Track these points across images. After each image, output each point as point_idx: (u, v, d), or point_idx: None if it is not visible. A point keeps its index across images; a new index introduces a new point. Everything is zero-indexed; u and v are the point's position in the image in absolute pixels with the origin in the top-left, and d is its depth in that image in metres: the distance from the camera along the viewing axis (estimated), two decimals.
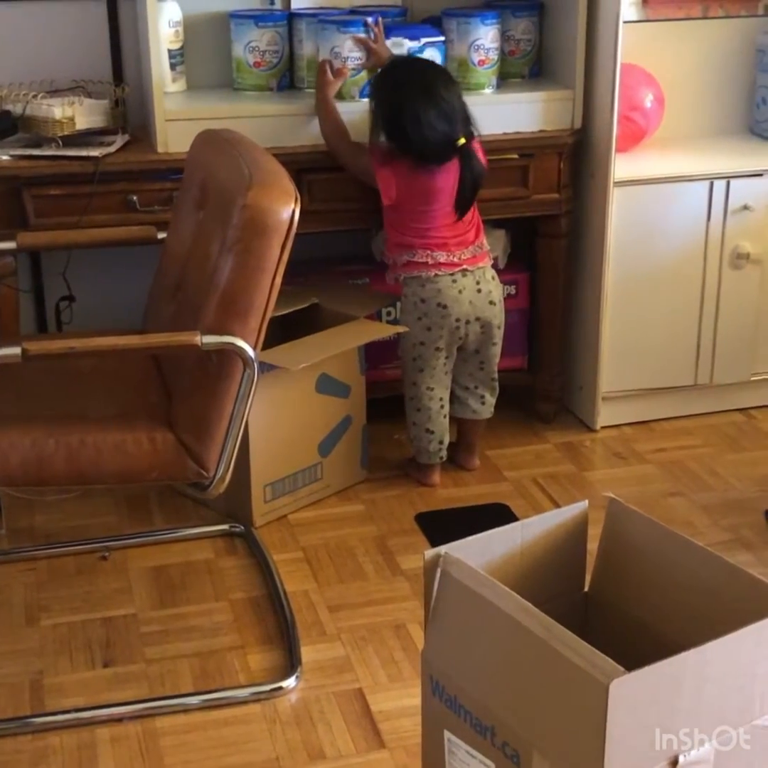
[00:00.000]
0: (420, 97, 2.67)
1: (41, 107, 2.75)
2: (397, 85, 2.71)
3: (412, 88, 2.68)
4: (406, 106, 2.67)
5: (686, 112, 3.34)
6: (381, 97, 2.74)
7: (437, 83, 2.71)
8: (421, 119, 2.66)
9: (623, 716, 1.37)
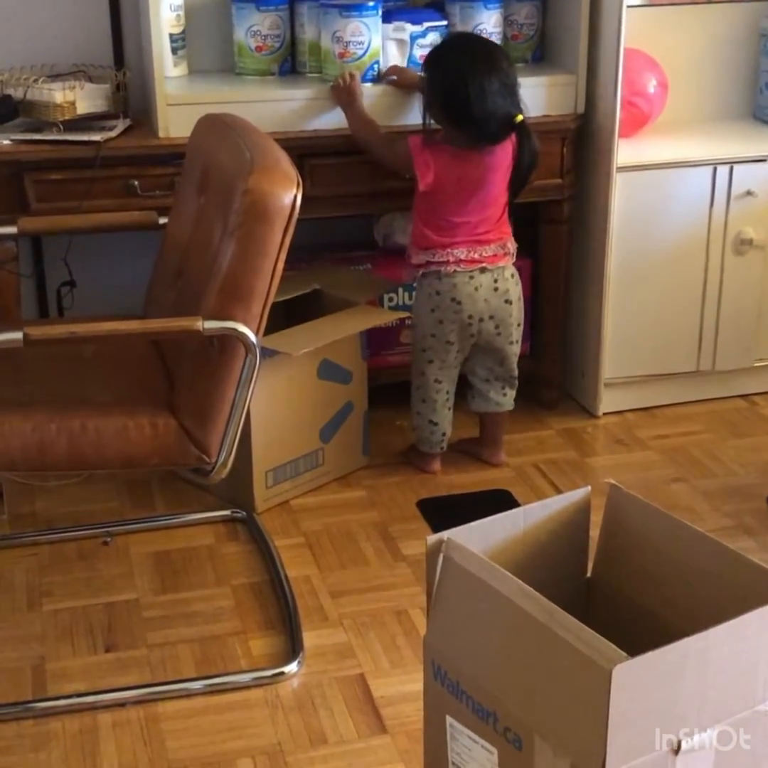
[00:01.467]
0: (485, 69, 2.59)
1: (42, 92, 2.75)
2: (460, 57, 2.62)
3: (476, 60, 2.60)
4: (469, 77, 2.58)
5: (690, 97, 3.33)
6: (440, 71, 2.65)
7: (500, 56, 2.66)
8: (485, 91, 2.58)
9: (626, 702, 1.37)
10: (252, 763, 2.02)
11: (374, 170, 2.86)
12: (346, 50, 2.83)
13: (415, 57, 2.93)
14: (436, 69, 2.67)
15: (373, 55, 2.85)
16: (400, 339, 3.13)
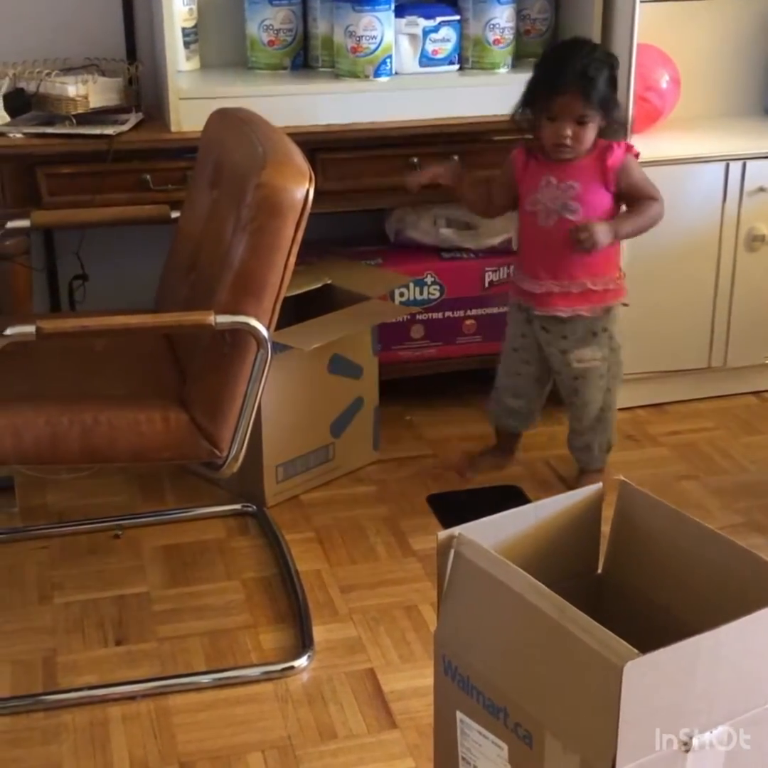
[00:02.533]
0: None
1: (55, 85, 2.75)
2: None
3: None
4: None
5: (702, 93, 3.32)
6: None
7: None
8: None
9: (637, 698, 1.36)
10: (262, 757, 2.02)
11: (386, 165, 2.86)
12: (358, 45, 2.83)
13: (427, 52, 2.93)
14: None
15: (385, 50, 2.84)
16: (411, 334, 3.13)
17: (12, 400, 2.13)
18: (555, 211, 2.59)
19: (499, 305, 3.15)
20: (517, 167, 2.65)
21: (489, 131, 2.91)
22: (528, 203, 2.64)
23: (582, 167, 2.58)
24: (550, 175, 2.59)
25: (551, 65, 2.56)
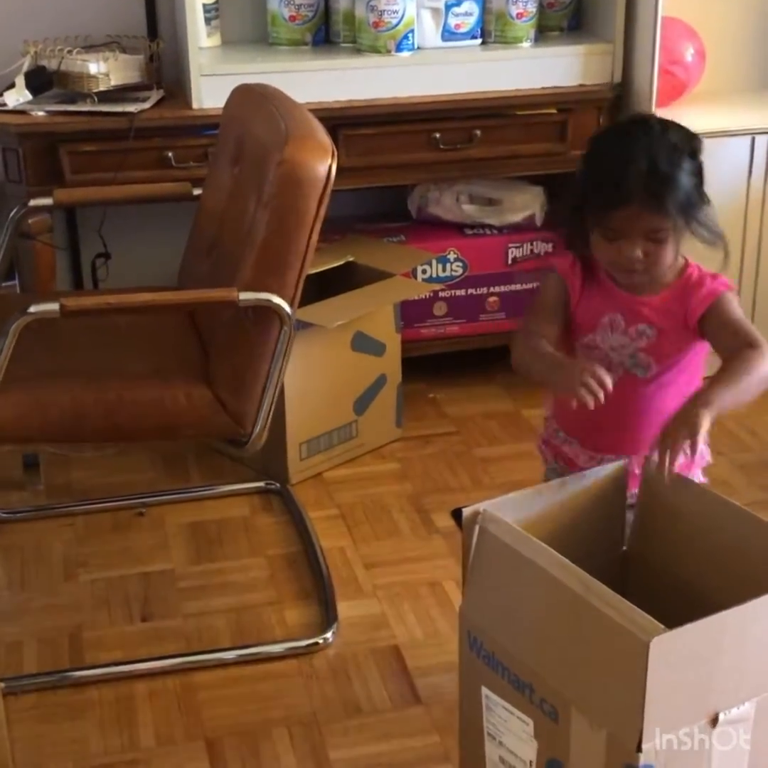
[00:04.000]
0: None
1: (76, 63, 2.74)
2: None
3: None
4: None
5: (728, 66, 3.28)
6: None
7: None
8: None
9: (663, 674, 1.36)
10: (287, 732, 2.03)
11: (409, 141, 2.85)
12: (380, 19, 2.81)
13: (449, 26, 2.91)
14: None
15: (407, 24, 2.82)
16: (433, 311, 3.11)
17: (36, 377, 2.13)
18: (620, 363, 1.86)
19: (522, 282, 3.14)
20: (571, 290, 1.88)
21: (512, 106, 2.89)
22: (582, 344, 1.90)
23: (660, 304, 1.85)
24: (616, 312, 1.86)
25: (604, 163, 1.81)
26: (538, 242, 3.12)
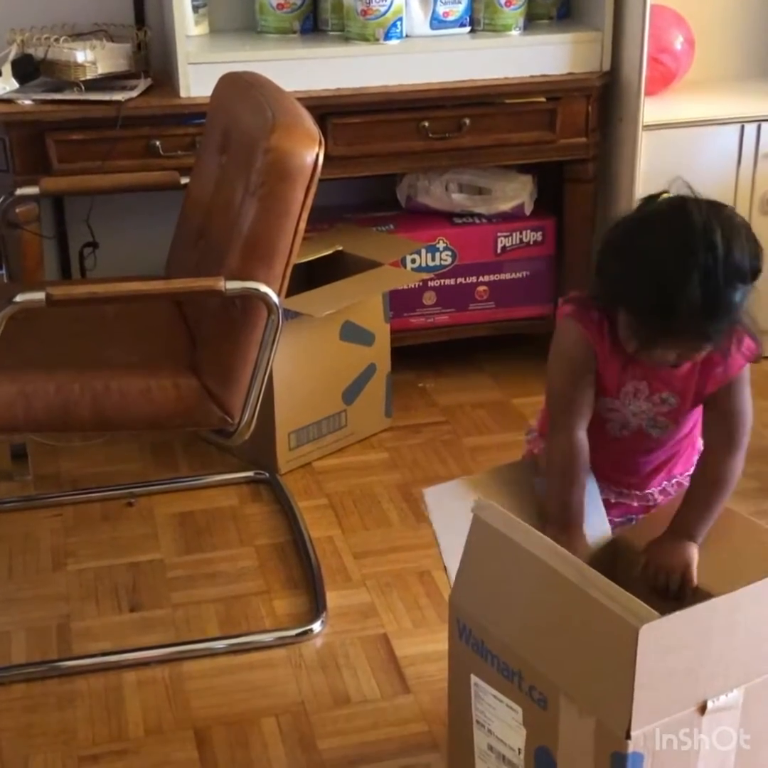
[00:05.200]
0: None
1: (63, 51, 2.73)
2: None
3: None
4: None
5: (717, 54, 3.28)
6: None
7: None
8: None
9: (653, 661, 1.36)
10: (275, 722, 2.02)
11: (397, 129, 2.84)
12: (368, 7, 2.79)
13: (438, 14, 2.90)
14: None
15: (396, 12, 2.81)
16: (423, 301, 3.11)
17: (23, 367, 2.12)
18: (638, 425, 1.83)
19: (512, 271, 3.13)
20: (600, 355, 1.76)
21: (501, 94, 2.88)
22: (601, 405, 1.82)
23: (684, 372, 1.77)
24: (641, 380, 1.78)
25: (654, 279, 1.60)
26: (527, 231, 3.12)
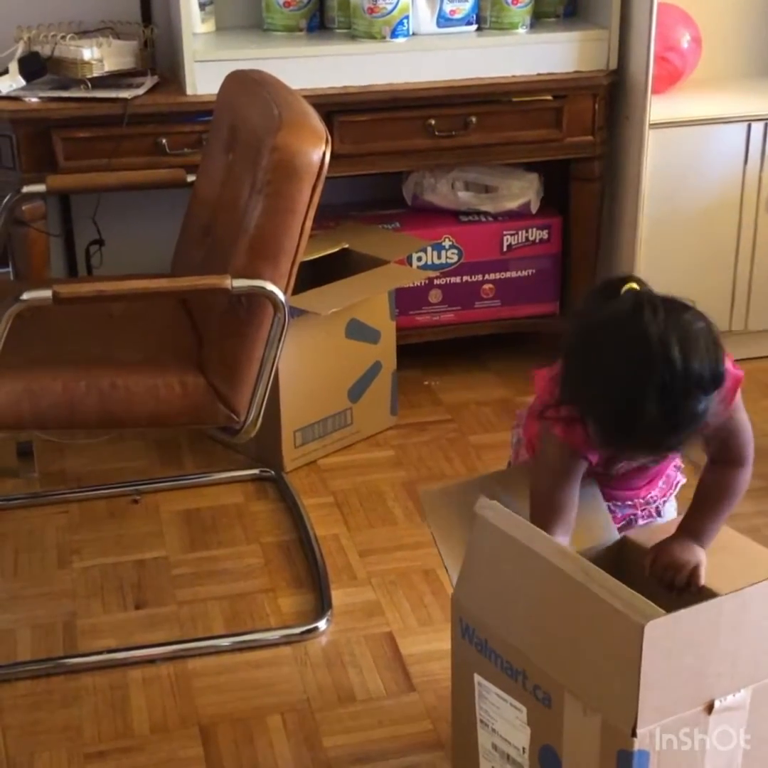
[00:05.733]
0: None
1: (70, 48, 2.73)
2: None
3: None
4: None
5: (724, 53, 3.27)
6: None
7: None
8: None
9: (659, 659, 1.36)
10: (281, 719, 2.03)
11: (404, 127, 2.84)
12: (375, 5, 2.79)
13: (444, 12, 2.89)
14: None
15: (403, 10, 2.81)
16: (428, 299, 3.11)
17: (29, 364, 2.12)
18: (636, 465, 1.83)
19: (518, 269, 3.13)
20: (580, 448, 1.71)
21: (507, 92, 2.88)
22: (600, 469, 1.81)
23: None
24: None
25: (612, 389, 1.54)
26: (533, 229, 3.12)
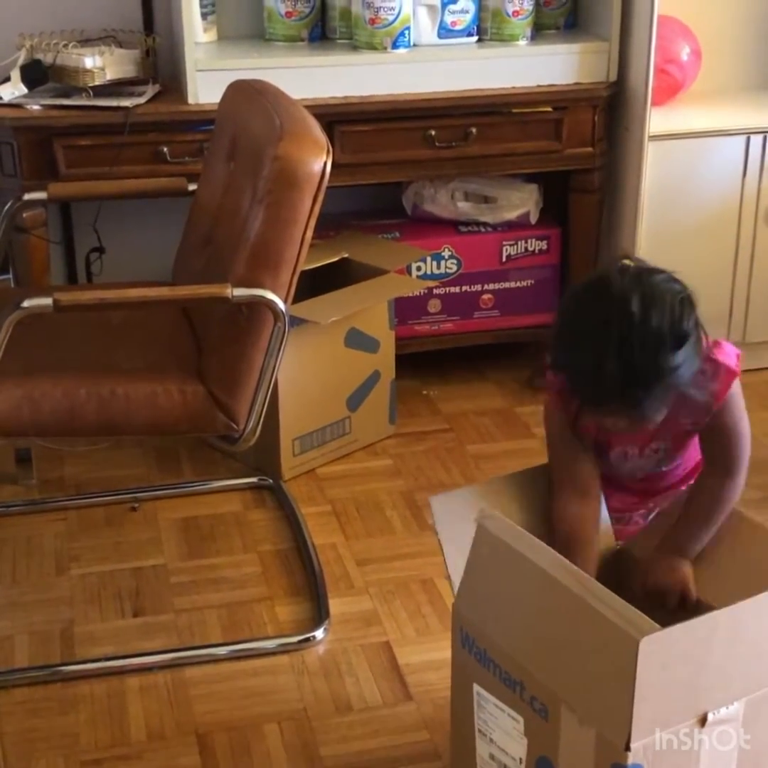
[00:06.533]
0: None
1: (72, 57, 2.74)
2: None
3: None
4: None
5: (723, 65, 3.28)
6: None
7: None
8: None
9: (653, 673, 1.36)
10: (278, 728, 2.03)
11: (404, 138, 2.85)
12: (377, 16, 2.81)
13: (445, 23, 2.91)
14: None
15: (404, 21, 2.82)
16: (428, 308, 3.12)
17: (29, 371, 2.12)
18: (642, 471, 1.85)
19: (517, 279, 3.14)
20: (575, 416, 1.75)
21: (508, 103, 2.89)
22: (605, 467, 1.83)
23: (667, 421, 1.70)
24: (626, 444, 1.79)
25: (577, 354, 1.60)
26: (532, 240, 3.13)
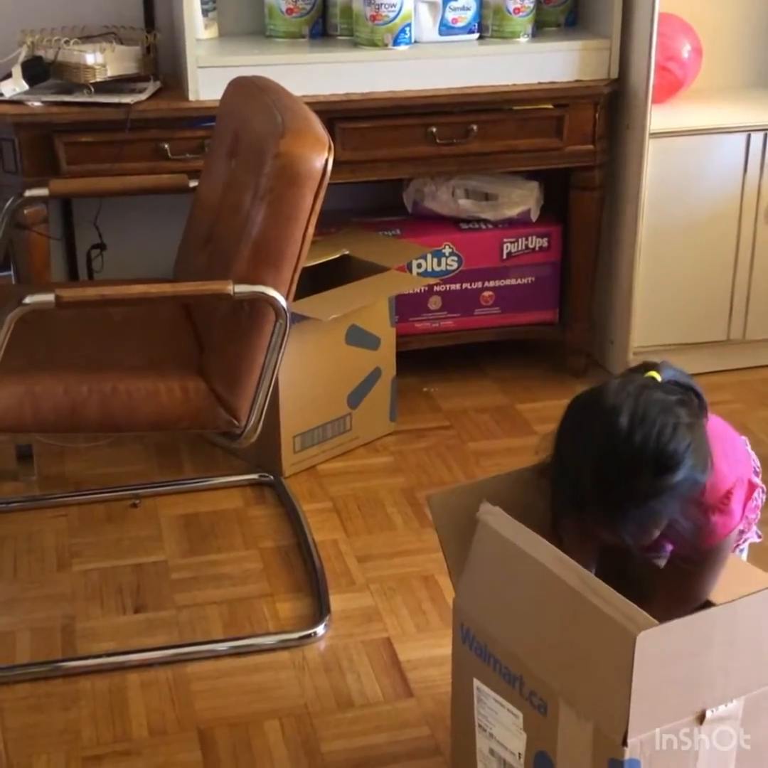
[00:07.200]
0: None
1: (73, 53, 2.74)
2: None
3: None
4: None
5: (724, 63, 3.28)
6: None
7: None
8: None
9: (651, 668, 1.37)
10: (279, 724, 2.03)
11: (405, 135, 2.85)
12: (377, 13, 2.81)
13: (446, 20, 2.91)
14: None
15: (405, 18, 2.82)
16: (428, 305, 3.12)
17: (31, 368, 2.13)
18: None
19: (517, 277, 3.14)
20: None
21: (508, 101, 2.89)
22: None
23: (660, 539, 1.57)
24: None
25: (562, 456, 1.56)
26: (533, 237, 3.13)
